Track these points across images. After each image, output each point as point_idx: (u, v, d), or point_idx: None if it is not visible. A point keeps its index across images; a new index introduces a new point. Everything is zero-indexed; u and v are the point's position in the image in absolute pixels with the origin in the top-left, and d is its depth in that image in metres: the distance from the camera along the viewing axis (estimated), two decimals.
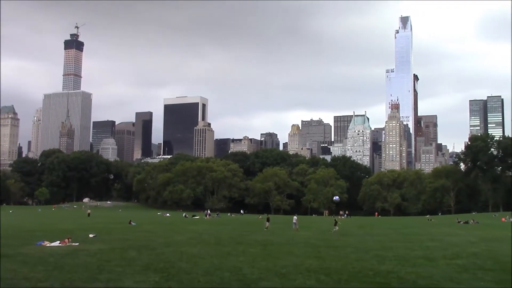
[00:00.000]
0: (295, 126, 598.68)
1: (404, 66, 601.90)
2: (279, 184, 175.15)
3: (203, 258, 23.03)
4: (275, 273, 18.30)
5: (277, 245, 30.84)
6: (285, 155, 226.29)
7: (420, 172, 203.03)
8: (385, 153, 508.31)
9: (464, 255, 25.36)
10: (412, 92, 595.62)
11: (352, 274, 18.29)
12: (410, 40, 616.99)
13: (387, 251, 27.10)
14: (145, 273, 17.96)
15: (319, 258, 23.40)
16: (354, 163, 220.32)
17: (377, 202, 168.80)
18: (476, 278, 17.43)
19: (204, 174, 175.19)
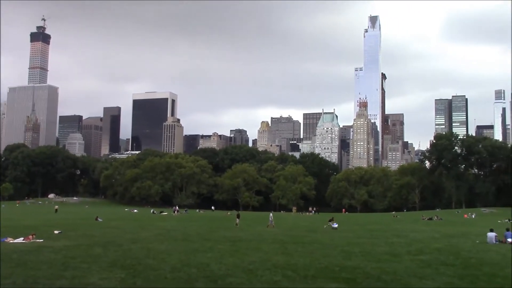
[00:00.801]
0: (265, 123, 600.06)
1: (373, 64, 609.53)
2: (248, 180, 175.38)
3: (170, 254, 22.91)
4: (242, 269, 18.35)
5: (245, 242, 30.90)
6: (254, 151, 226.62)
7: (386, 169, 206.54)
8: (353, 150, 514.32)
9: (428, 251, 25.92)
10: (380, 90, 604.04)
11: (319, 269, 18.49)
12: (379, 39, 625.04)
13: (353, 247, 27.48)
14: (111, 270, 17.76)
15: (286, 254, 23.56)
16: (322, 160, 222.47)
17: (345, 199, 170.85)
18: (439, 273, 17.85)
19: (173, 170, 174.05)
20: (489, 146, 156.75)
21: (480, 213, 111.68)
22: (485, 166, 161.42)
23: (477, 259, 22.62)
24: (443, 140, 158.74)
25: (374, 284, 15.46)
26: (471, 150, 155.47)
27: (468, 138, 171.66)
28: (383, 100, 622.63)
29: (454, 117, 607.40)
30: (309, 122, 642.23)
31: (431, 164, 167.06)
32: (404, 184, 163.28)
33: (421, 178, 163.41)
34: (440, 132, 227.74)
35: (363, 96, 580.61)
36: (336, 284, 15.48)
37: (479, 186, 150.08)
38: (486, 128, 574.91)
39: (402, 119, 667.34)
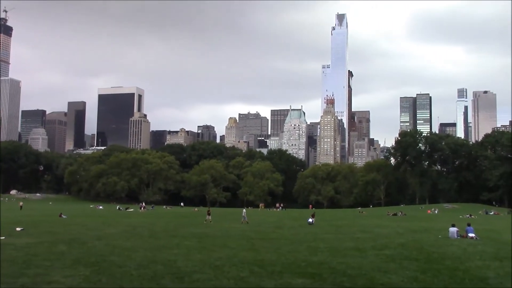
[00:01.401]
0: (232, 119, 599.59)
1: (340, 62, 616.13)
2: (215, 176, 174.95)
3: (136, 251, 22.67)
4: (209, 265, 18.30)
5: (212, 238, 30.83)
6: (222, 147, 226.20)
7: (353, 166, 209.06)
8: (320, 147, 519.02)
9: (392, 246, 26.37)
10: (346, 88, 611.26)
11: (285, 265, 18.59)
12: (346, 37, 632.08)
13: (319, 243, 27.73)
14: (75, 268, 17.45)
15: (253, 250, 23.62)
16: (290, 156, 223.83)
17: (311, 195, 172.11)
18: (402, 268, 18.19)
19: (139, 166, 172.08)
20: (452, 143, 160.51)
21: (442, 208, 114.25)
22: (447, 163, 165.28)
23: (439, 253, 23.14)
24: (408, 137, 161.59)
25: (340, 279, 15.63)
26: (435, 147, 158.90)
27: (432, 135, 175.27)
28: (350, 97, 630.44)
29: (419, 115, 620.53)
30: (276, 118, 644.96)
31: (396, 161, 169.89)
32: (370, 181, 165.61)
33: (386, 174, 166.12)
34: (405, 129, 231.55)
35: (330, 93, 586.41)
36: (302, 279, 15.60)
37: (442, 182, 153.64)
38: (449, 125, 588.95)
39: (368, 116, 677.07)
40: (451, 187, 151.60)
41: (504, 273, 17.08)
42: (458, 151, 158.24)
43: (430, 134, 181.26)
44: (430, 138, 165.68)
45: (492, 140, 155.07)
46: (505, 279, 15.91)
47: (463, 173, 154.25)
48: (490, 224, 53.56)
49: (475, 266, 18.93)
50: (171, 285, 14.75)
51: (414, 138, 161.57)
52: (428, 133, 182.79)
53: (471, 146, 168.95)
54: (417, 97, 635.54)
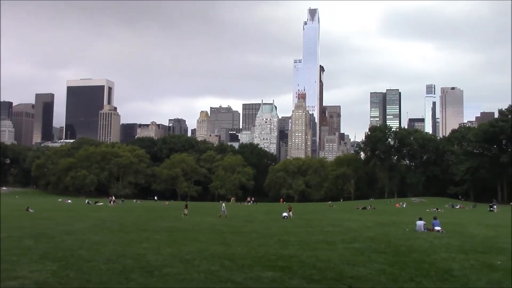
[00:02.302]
0: (204, 113, 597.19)
1: (311, 57, 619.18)
2: (186, 170, 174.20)
3: (105, 245, 22.41)
4: (179, 259, 18.24)
5: (183, 232, 30.71)
6: (193, 141, 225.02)
7: (323, 160, 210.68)
8: (291, 141, 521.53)
9: (361, 239, 26.73)
10: (318, 83, 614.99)
11: (256, 258, 18.67)
12: (318, 32, 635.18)
13: (290, 236, 27.92)
14: (42, 262, 17.17)
15: (224, 244, 23.63)
16: (261, 150, 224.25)
17: (283, 189, 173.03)
18: (371, 260, 18.46)
19: (109, 159, 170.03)
20: (420, 138, 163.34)
21: (410, 202, 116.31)
22: (415, 158, 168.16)
23: (406, 246, 23.58)
24: (377, 132, 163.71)
25: (309, 272, 15.78)
26: (403, 142, 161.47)
27: (401, 130, 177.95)
28: (321, 92, 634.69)
29: (388, 110, 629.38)
30: (248, 112, 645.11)
31: (365, 155, 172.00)
32: (340, 175, 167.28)
33: (356, 168, 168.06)
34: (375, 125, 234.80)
35: (302, 88, 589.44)
36: (272, 272, 15.69)
37: (410, 176, 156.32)
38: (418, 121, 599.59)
39: (339, 111, 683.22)
40: (419, 181, 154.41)
41: (468, 265, 17.51)
42: (426, 146, 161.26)
43: (399, 129, 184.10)
44: (399, 133, 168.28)
45: (459, 135, 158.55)
46: (469, 271, 16.31)
47: (431, 168, 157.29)
48: (456, 218, 54.77)
49: (440, 258, 19.35)
50: (140, 279, 14.66)
51: (383, 133, 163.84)
52: (397, 128, 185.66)
53: (438, 141, 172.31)
54: (387, 92, 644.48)
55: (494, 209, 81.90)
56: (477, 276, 15.45)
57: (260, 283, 14.23)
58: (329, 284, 14.16)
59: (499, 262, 18.36)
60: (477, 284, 14.36)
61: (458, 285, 14.16)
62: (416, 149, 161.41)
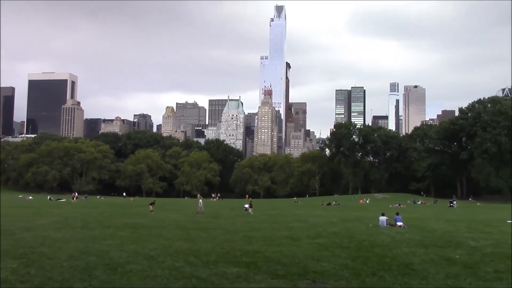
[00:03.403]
0: (170, 108, 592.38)
1: (278, 53, 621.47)
2: (151, 166, 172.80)
3: (67, 242, 22.02)
4: (143, 256, 18.09)
5: (147, 228, 30.42)
6: (159, 137, 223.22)
7: (289, 156, 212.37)
8: (257, 137, 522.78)
9: (325, 235, 27.05)
10: (284, 79, 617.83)
11: (221, 254, 18.68)
12: (284, 29, 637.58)
13: (255, 232, 28.00)
14: (2, 260, 16.73)
15: (189, 240, 23.54)
16: (227, 146, 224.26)
17: (248, 185, 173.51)
18: (334, 256, 18.73)
19: (72, 155, 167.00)
20: (383, 135, 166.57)
21: (374, 198, 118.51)
22: (379, 154, 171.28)
23: (369, 241, 23.99)
24: (342, 129, 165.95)
25: (274, 267, 15.90)
26: (367, 139, 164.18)
27: (365, 127, 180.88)
28: (287, 88, 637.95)
29: (353, 107, 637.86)
30: (214, 108, 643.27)
31: (330, 152, 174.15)
32: (306, 171, 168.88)
33: (321, 165, 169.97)
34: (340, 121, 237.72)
35: (268, 84, 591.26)
36: (237, 268, 15.74)
37: (374, 173, 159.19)
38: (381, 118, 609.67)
39: (305, 107, 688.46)
40: (382, 178, 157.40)
41: (428, 259, 17.97)
42: (389, 143, 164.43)
43: (363, 126, 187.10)
44: (363, 130, 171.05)
45: (421, 133, 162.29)
46: (429, 265, 16.74)
47: (394, 164, 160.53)
48: (417, 213, 56.08)
49: (402, 253, 19.78)
50: (103, 276, 14.48)
51: (348, 130, 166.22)
52: (362, 125, 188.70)
53: (401, 138, 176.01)
54: (352, 90, 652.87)
55: (453, 204, 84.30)
56: (436, 270, 15.86)
57: (224, 279, 14.26)
58: (293, 279, 14.30)
59: (457, 256, 18.92)
60: (436, 277, 14.75)
61: (418, 279, 14.51)
62: (379, 146, 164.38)
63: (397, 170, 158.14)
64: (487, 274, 15.25)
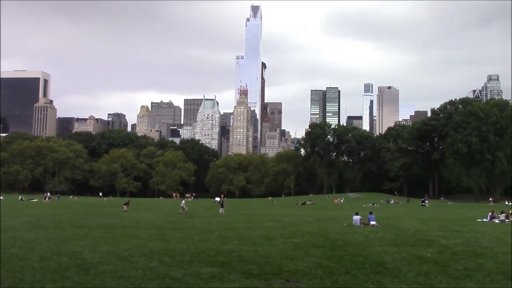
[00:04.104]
0: (145, 108, 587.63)
1: (254, 53, 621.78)
2: (126, 166, 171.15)
3: (39, 243, 21.68)
4: (117, 256, 17.95)
5: (121, 228, 30.16)
6: (133, 136, 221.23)
7: (264, 156, 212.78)
8: (232, 137, 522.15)
9: (300, 234, 27.21)
10: (260, 79, 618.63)
11: (195, 254, 18.65)
12: (260, 29, 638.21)
13: (230, 232, 28.01)
14: None
15: (163, 240, 23.43)
16: (202, 146, 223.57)
17: (224, 185, 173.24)
18: (308, 255, 18.87)
19: (45, 154, 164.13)
20: (358, 135, 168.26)
21: (348, 197, 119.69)
22: (353, 154, 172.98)
23: (343, 240, 24.23)
24: (317, 129, 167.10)
25: (248, 267, 15.95)
26: (342, 139, 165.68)
27: (340, 127, 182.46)
28: (263, 88, 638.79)
29: (328, 107, 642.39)
30: (190, 108, 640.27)
31: (305, 152, 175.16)
32: (281, 171, 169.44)
33: (296, 165, 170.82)
34: (315, 121, 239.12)
35: (244, 84, 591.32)
36: (211, 268, 15.74)
37: (348, 172, 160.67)
38: (356, 118, 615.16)
39: (280, 108, 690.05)
40: (356, 177, 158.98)
41: (400, 258, 18.24)
42: (363, 143, 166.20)
43: (338, 126, 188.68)
44: (338, 130, 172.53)
45: (394, 133, 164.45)
46: (401, 263, 17.00)
47: (367, 164, 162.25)
48: (390, 212, 56.82)
49: (375, 251, 20.04)
50: (76, 277, 14.31)
51: (323, 130, 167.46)
52: (336, 126, 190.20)
53: (375, 138, 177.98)
54: (327, 90, 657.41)
55: (425, 203, 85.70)
56: (408, 268, 16.12)
57: (199, 279, 14.24)
58: (268, 278, 14.36)
59: (428, 254, 19.25)
60: (408, 275, 14.99)
61: (390, 277, 14.71)
62: (354, 146, 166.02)
63: (371, 169, 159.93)
64: (457, 272, 15.57)
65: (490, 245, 22.56)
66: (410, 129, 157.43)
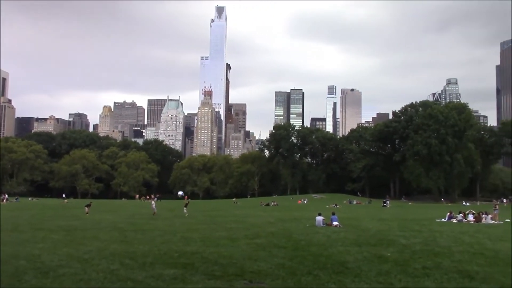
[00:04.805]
0: (107, 108, 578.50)
1: (218, 54, 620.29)
2: (87, 167, 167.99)
3: None
4: (77, 259, 17.60)
5: (81, 231, 29.59)
6: (95, 137, 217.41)
7: (228, 157, 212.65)
8: (197, 138, 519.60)
9: (263, 235, 27.27)
10: (224, 80, 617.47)
11: (158, 256, 18.47)
12: (225, 30, 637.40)
13: (193, 233, 27.87)
14: None
15: (125, 242, 23.11)
16: (166, 147, 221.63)
17: (188, 186, 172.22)
18: (271, 255, 18.93)
19: (2, 155, 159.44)
20: (321, 137, 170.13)
21: (311, 198, 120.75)
22: (317, 156, 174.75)
23: (306, 241, 24.41)
24: (281, 131, 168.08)
25: (211, 268, 15.89)
26: (306, 141, 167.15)
27: (303, 129, 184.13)
28: (228, 89, 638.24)
29: (292, 109, 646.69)
30: (153, 108, 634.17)
31: (270, 153, 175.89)
32: (245, 172, 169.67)
33: (261, 166, 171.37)
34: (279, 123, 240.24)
35: (208, 85, 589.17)
36: (174, 269, 15.62)
37: (312, 173, 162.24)
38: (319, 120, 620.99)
39: (245, 109, 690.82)
40: (319, 178, 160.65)
41: (361, 257, 18.51)
42: (327, 144, 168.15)
43: (302, 128, 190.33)
44: (302, 131, 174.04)
45: (357, 135, 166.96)
46: (362, 263, 17.26)
47: (331, 165, 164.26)
48: (353, 213, 57.65)
49: (337, 251, 20.27)
50: (34, 281, 13.97)
51: (287, 131, 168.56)
52: (300, 127, 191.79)
53: (338, 140, 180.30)
54: (291, 92, 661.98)
55: (387, 204, 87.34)
56: (369, 267, 16.38)
57: (161, 281, 14.11)
58: (230, 279, 14.35)
59: (389, 253, 19.60)
60: (369, 274, 15.23)
61: (351, 276, 14.91)
62: (317, 147, 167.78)
63: (334, 171, 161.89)
64: (416, 271, 15.91)
65: (448, 245, 23.13)
66: (372, 131, 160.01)
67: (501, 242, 24.55)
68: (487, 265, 17.17)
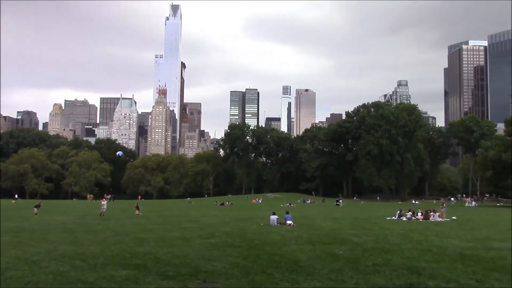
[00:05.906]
0: (58, 106, 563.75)
1: (173, 53, 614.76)
2: (36, 166, 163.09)
3: None
4: (25, 261, 17.07)
5: (29, 232, 28.69)
6: (45, 135, 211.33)
7: (183, 157, 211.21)
8: (151, 137, 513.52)
9: (218, 234, 27.22)
10: (179, 79, 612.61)
11: (109, 257, 18.14)
12: (180, 28, 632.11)
13: (146, 233, 27.53)
14: None
15: (75, 244, 22.58)
16: (119, 146, 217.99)
17: (141, 186, 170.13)
18: (226, 255, 18.93)
19: None
20: (276, 137, 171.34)
21: (266, 198, 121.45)
22: (272, 155, 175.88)
23: (260, 240, 24.52)
24: (236, 130, 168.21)
25: (164, 269, 15.75)
26: (261, 140, 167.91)
27: (258, 129, 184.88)
28: (182, 88, 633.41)
29: (247, 109, 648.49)
30: (106, 107, 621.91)
31: (224, 152, 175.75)
32: (200, 171, 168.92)
33: (216, 165, 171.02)
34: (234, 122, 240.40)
35: (163, 84, 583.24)
36: (126, 270, 15.38)
37: (266, 173, 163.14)
38: (274, 120, 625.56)
39: (199, 108, 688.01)
40: (274, 178, 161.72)
41: (314, 256, 18.75)
42: (281, 144, 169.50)
43: (257, 127, 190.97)
44: (257, 131, 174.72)
45: (311, 134, 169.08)
46: (315, 261, 17.49)
47: (285, 165, 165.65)
48: (306, 212, 58.35)
49: (290, 250, 20.46)
50: None
51: (242, 131, 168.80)
52: (255, 127, 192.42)
53: (292, 140, 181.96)
54: (246, 91, 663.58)
55: (340, 203, 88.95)
56: (321, 265, 16.61)
57: (113, 282, 13.87)
58: (184, 279, 14.26)
59: (341, 252, 19.94)
60: (321, 272, 15.44)
61: (304, 275, 15.08)
62: (272, 147, 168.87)
63: (288, 170, 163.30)
64: (367, 268, 16.25)
65: (398, 242, 23.74)
66: (326, 131, 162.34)
67: (447, 239, 25.41)
68: (434, 261, 17.72)
